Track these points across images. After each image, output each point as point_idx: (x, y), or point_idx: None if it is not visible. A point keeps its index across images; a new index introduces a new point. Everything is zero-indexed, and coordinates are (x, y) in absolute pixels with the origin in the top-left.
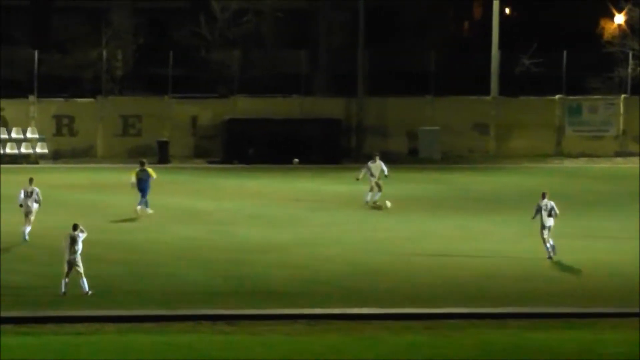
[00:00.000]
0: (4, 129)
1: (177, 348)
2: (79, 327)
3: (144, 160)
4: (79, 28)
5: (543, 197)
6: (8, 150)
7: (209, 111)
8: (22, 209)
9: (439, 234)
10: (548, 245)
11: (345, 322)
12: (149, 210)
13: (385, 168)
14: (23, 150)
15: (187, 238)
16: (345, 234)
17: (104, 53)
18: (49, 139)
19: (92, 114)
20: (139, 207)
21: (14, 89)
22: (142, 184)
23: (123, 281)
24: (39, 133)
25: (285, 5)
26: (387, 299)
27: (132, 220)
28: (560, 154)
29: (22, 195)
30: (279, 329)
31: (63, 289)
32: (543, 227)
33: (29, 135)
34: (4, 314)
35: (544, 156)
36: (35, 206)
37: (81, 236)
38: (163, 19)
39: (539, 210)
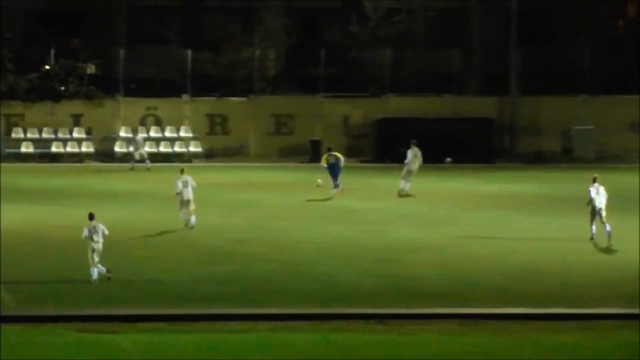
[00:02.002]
0: (158, 128)
1: (329, 346)
2: (232, 325)
3: (331, 146)
4: (231, 27)
5: (594, 181)
6: (162, 149)
7: (360, 110)
8: (179, 197)
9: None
10: (606, 229)
11: (496, 322)
12: (335, 191)
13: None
14: (177, 149)
15: (339, 237)
16: (496, 234)
17: (257, 52)
18: (202, 138)
19: (245, 113)
20: (334, 191)
21: (167, 88)
22: (333, 168)
23: (276, 279)
24: (193, 132)
25: (437, 4)
26: (540, 299)
27: (285, 219)
28: None
29: (180, 185)
30: (430, 328)
31: (94, 276)
32: (598, 210)
33: (182, 134)
34: (159, 311)
35: None
36: (191, 193)
37: (101, 227)
38: (315, 18)
39: (591, 194)
